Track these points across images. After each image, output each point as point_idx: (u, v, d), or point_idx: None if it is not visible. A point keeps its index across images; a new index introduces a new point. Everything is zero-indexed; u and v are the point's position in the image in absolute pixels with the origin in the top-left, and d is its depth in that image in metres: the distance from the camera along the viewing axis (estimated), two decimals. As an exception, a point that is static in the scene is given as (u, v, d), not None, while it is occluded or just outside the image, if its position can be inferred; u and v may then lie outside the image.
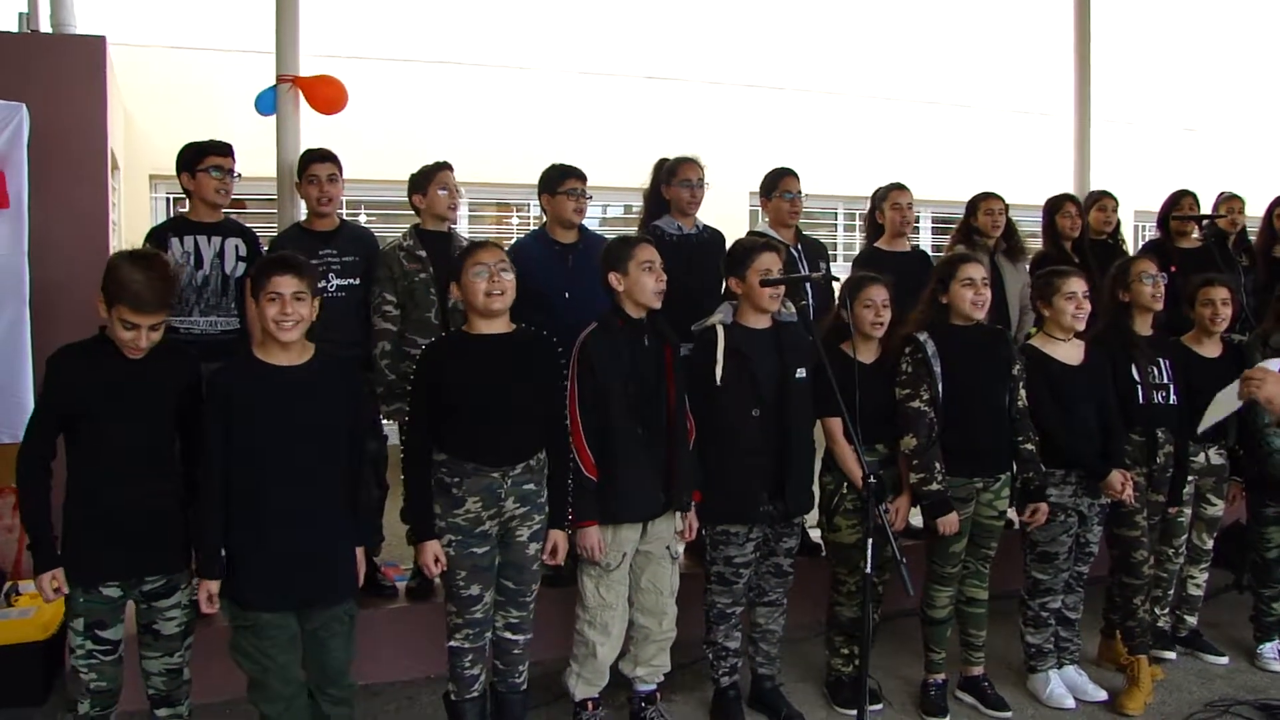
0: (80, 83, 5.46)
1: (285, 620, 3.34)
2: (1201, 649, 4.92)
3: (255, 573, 3.27)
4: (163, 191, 8.45)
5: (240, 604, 3.31)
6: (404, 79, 9.21)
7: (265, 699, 3.36)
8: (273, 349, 3.29)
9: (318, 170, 4.60)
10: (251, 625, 3.30)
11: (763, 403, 3.95)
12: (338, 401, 3.39)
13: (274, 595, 3.29)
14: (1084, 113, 7.15)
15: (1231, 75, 12.83)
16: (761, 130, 10.12)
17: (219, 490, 3.24)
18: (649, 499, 3.91)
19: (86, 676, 3.25)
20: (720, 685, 4.25)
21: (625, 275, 3.85)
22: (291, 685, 3.37)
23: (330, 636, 3.40)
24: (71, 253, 5.09)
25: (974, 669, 4.46)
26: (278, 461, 3.25)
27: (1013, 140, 11.08)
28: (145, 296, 3.14)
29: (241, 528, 3.27)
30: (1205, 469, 4.71)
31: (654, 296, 3.86)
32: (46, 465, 3.20)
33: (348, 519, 3.43)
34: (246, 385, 3.28)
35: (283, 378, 3.29)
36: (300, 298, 3.22)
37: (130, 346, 3.18)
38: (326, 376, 3.38)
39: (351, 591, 3.49)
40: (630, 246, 3.90)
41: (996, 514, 4.27)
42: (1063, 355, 4.31)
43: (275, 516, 3.25)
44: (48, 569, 3.18)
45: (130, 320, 3.14)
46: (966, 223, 5.61)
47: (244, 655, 3.34)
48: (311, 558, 3.31)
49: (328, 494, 3.35)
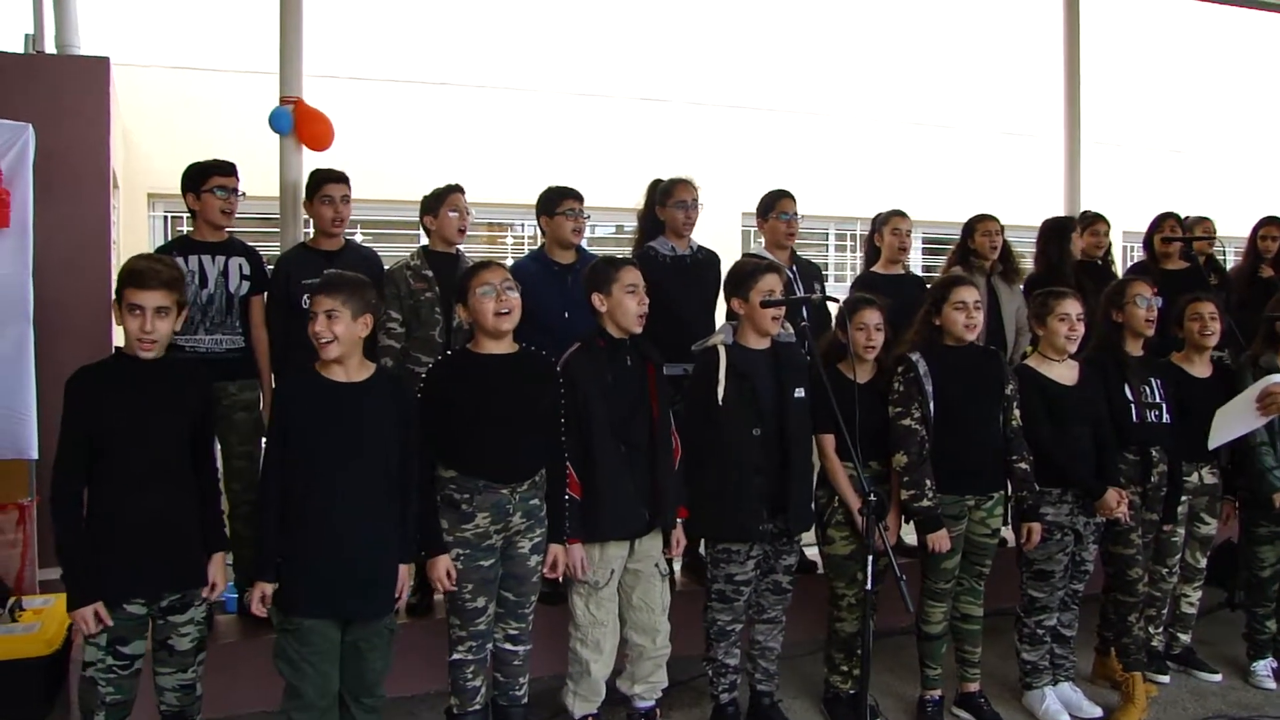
0: (84, 103, 5.51)
1: (329, 629, 3.38)
2: (1195, 666, 4.96)
3: (305, 580, 3.33)
4: (160, 210, 8.49)
5: (287, 610, 3.35)
6: (398, 99, 9.27)
7: (299, 708, 3.38)
8: (330, 365, 3.37)
9: (332, 191, 4.65)
10: (295, 630, 3.34)
11: (763, 422, 3.99)
12: (392, 418, 3.45)
13: (321, 603, 3.35)
14: (1074, 134, 7.23)
15: (1218, 98, 12.96)
16: (753, 151, 10.20)
17: (277, 498, 3.32)
18: (633, 517, 3.95)
19: (104, 690, 3.25)
20: (719, 702, 4.28)
21: (608, 297, 3.90)
22: (326, 698, 3.40)
23: (370, 649, 3.46)
24: (74, 271, 5.13)
25: (970, 686, 4.48)
26: (333, 474, 3.32)
27: (1002, 161, 11.18)
28: (145, 272, 3.21)
29: (294, 536, 3.33)
30: (1198, 488, 4.76)
31: (636, 320, 3.91)
32: (80, 497, 3.21)
33: (395, 533, 3.48)
34: (306, 398, 3.36)
35: (340, 393, 3.37)
36: (334, 315, 3.29)
37: (141, 339, 3.20)
38: (383, 393, 3.46)
39: (393, 605, 3.54)
40: (615, 269, 3.95)
41: (990, 531, 4.31)
42: (1057, 375, 4.35)
43: (328, 527, 3.32)
44: (87, 602, 3.18)
45: (135, 301, 3.17)
46: (964, 244, 5.64)
47: (285, 661, 3.37)
48: (360, 569, 3.37)
49: (379, 508, 3.41)
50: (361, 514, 3.36)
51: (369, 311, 3.39)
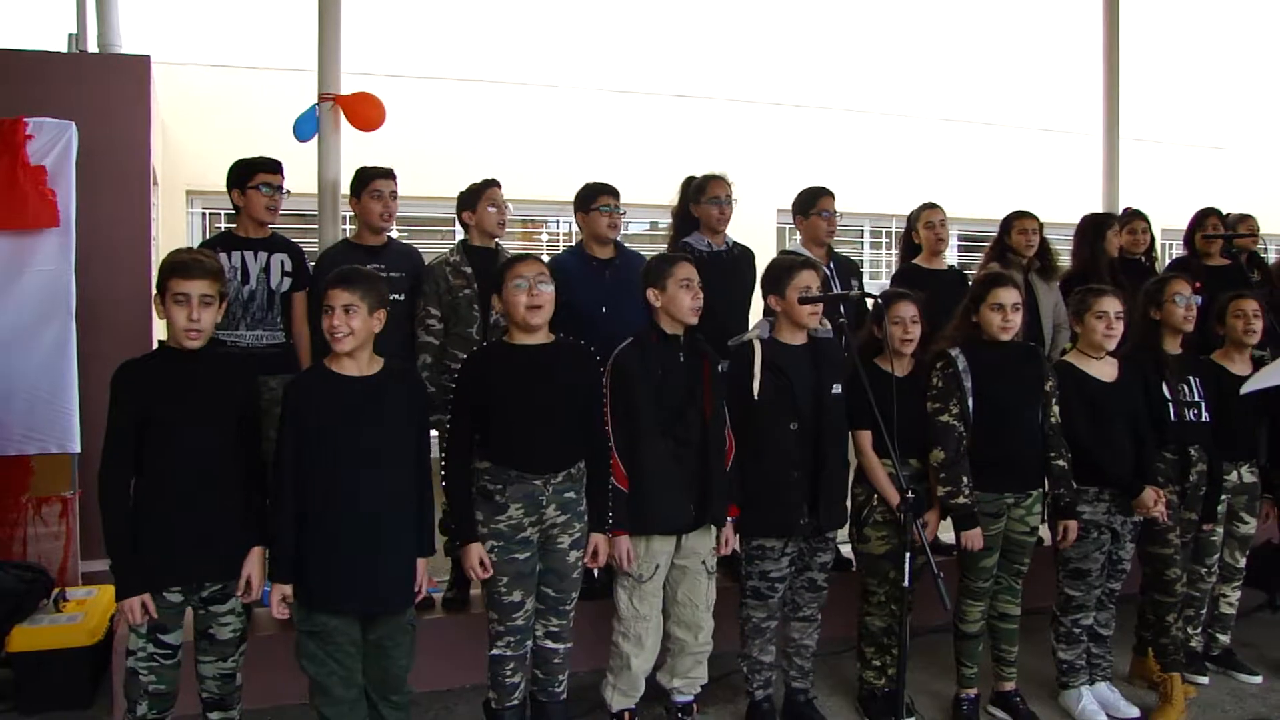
0: (125, 101, 5.58)
1: (350, 626, 3.42)
2: (1234, 668, 4.92)
3: (325, 579, 3.35)
4: (199, 206, 8.55)
5: (308, 608, 3.38)
6: (434, 96, 9.29)
7: (328, 703, 3.43)
8: (341, 360, 3.40)
9: (382, 186, 4.68)
10: (320, 631, 3.38)
11: (799, 417, 4.00)
12: (404, 413, 3.48)
13: (343, 601, 3.38)
14: (1113, 131, 7.18)
15: (1260, 93, 12.81)
16: (787, 148, 10.16)
17: (291, 497, 3.33)
18: (679, 512, 3.95)
19: (145, 679, 3.32)
20: (754, 698, 4.29)
21: (663, 291, 3.91)
22: (353, 690, 3.44)
23: (393, 646, 3.49)
24: (115, 267, 5.20)
25: (1006, 684, 4.47)
26: (348, 470, 3.34)
27: (1039, 158, 11.09)
28: (189, 263, 3.27)
29: (312, 534, 3.35)
30: (1237, 487, 4.72)
31: (691, 313, 3.92)
32: (127, 489, 3.26)
33: (412, 528, 3.50)
34: (318, 395, 3.38)
35: (352, 388, 3.39)
36: (352, 310, 3.32)
37: (188, 329, 3.24)
38: (393, 388, 3.48)
39: (413, 601, 3.56)
40: (670, 264, 3.96)
41: (1028, 529, 4.29)
42: (1096, 372, 4.33)
43: (345, 524, 3.34)
44: (135, 593, 3.23)
45: (181, 291, 3.22)
46: (1000, 241, 5.63)
47: (309, 659, 3.41)
48: (379, 565, 3.38)
49: (395, 503, 3.43)
50: (378, 509, 3.38)
51: (383, 307, 3.43)
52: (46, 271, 4.77)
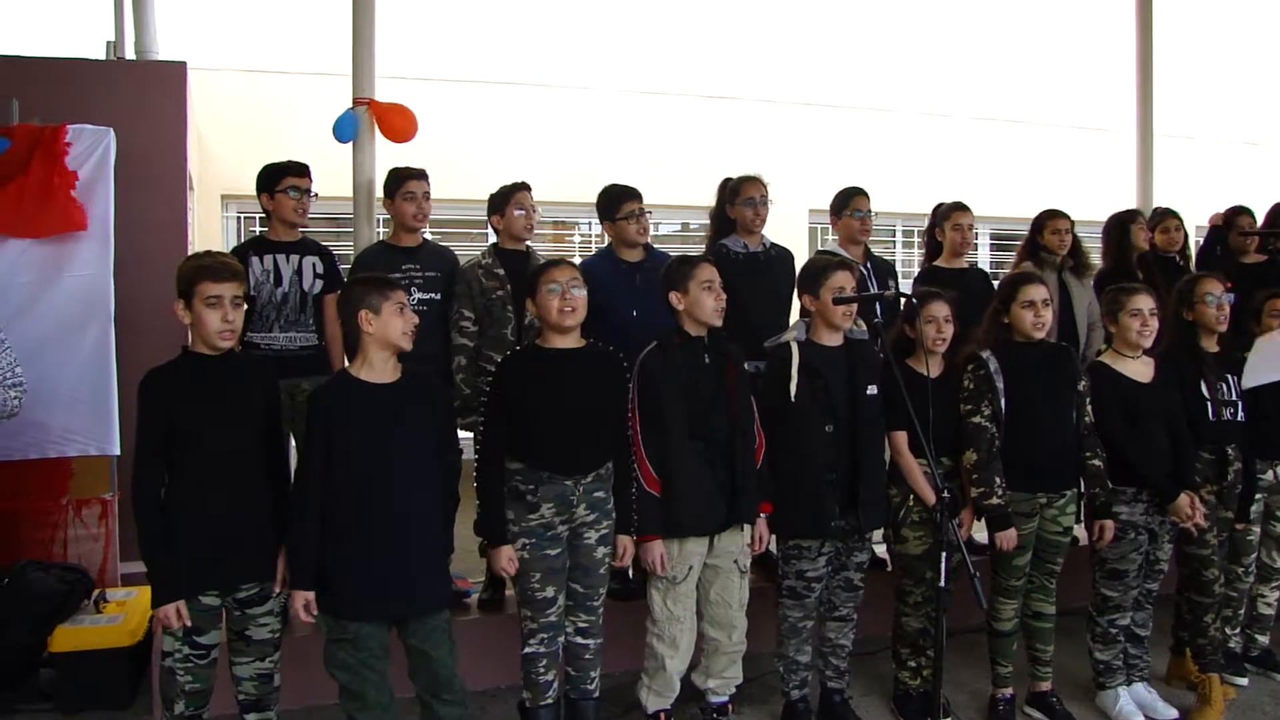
0: (162, 107, 5.64)
1: (381, 631, 3.45)
2: (1274, 668, 4.88)
3: (354, 586, 3.37)
4: (234, 211, 8.64)
5: (339, 616, 3.40)
6: (466, 99, 9.33)
7: (362, 708, 3.45)
8: (364, 366, 3.43)
9: (415, 188, 4.72)
10: (351, 639, 3.40)
11: (836, 419, 4.00)
12: (429, 418, 3.51)
13: (373, 608, 3.40)
14: (1146, 128, 7.13)
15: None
16: (818, 148, 10.15)
17: (315, 504, 3.35)
18: (711, 512, 3.95)
19: (182, 679, 3.35)
20: (790, 698, 4.29)
21: (685, 294, 3.93)
22: (385, 693, 3.47)
23: (434, 647, 3.50)
24: (153, 271, 5.23)
25: (1042, 684, 4.45)
26: (376, 477, 3.36)
27: (1071, 156, 11.02)
28: (218, 266, 3.32)
29: (340, 541, 3.36)
30: (1273, 486, 4.67)
31: (714, 314, 3.93)
32: (159, 496, 3.29)
33: (440, 530, 3.54)
34: (341, 402, 3.40)
35: (374, 395, 3.41)
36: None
37: (221, 330, 3.27)
38: (416, 393, 3.50)
39: (447, 601, 3.59)
40: (691, 266, 3.98)
41: (1061, 529, 4.27)
42: (1132, 372, 4.30)
43: (373, 531, 3.36)
44: (170, 600, 3.26)
45: (213, 294, 3.25)
46: (1033, 240, 5.60)
47: (341, 667, 3.43)
48: (410, 569, 3.40)
49: (422, 508, 3.45)
50: (405, 515, 3.39)
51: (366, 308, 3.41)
52: (85, 276, 4.82)
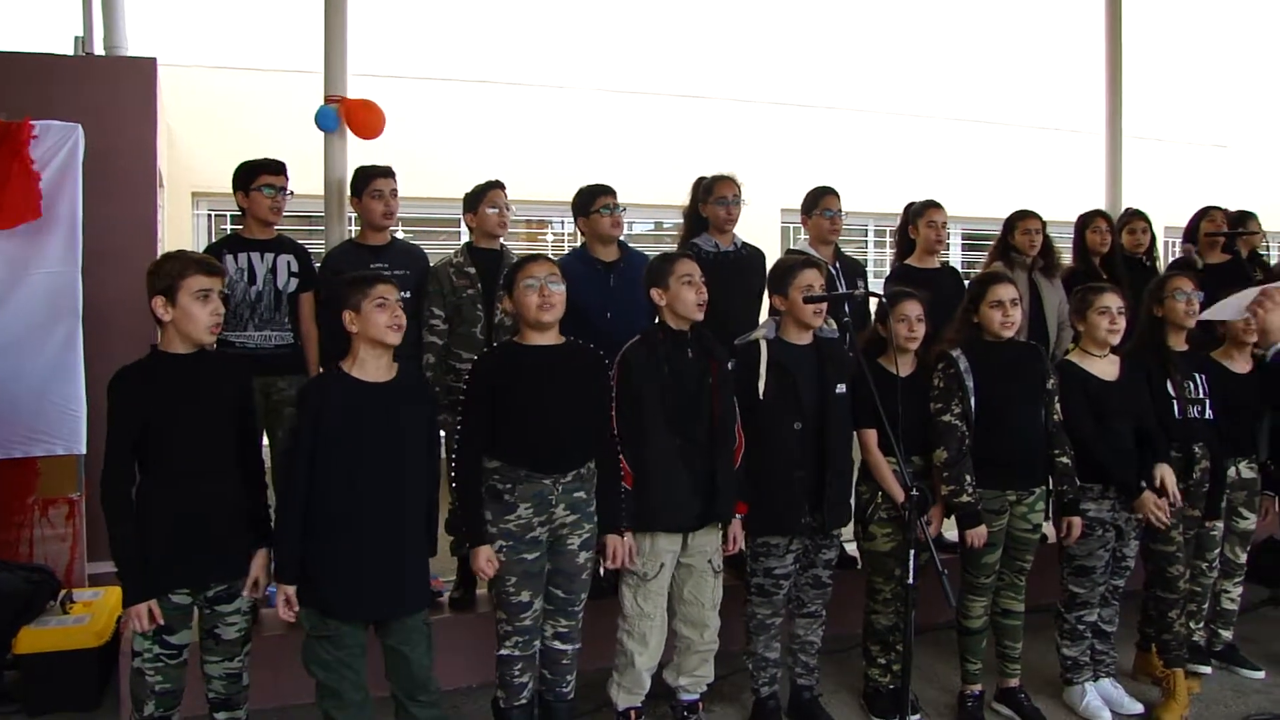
0: (132, 103, 5.59)
1: (360, 630, 3.44)
2: (1237, 663, 4.94)
3: (337, 584, 3.37)
4: (204, 208, 8.56)
5: (321, 613, 3.39)
6: (440, 97, 9.29)
7: (339, 706, 3.44)
8: (359, 364, 3.43)
9: (382, 186, 4.71)
10: (331, 635, 3.39)
11: (804, 417, 4.02)
12: (421, 418, 3.52)
13: (356, 606, 3.40)
14: (1115, 129, 7.18)
15: (1263, 91, 12.79)
16: (791, 147, 10.15)
17: (301, 499, 3.34)
18: (685, 510, 3.96)
19: (152, 679, 3.33)
20: (760, 695, 4.30)
21: (666, 290, 3.93)
22: (361, 691, 3.46)
23: (412, 649, 3.49)
24: (122, 268, 5.18)
25: (1010, 681, 4.48)
26: (363, 475, 3.36)
27: (1042, 157, 11.09)
28: (204, 260, 3.36)
29: (324, 539, 3.36)
30: (1236, 483, 4.72)
31: (694, 309, 3.93)
32: (130, 496, 3.27)
33: (423, 531, 3.53)
34: (336, 399, 3.39)
35: (369, 393, 3.41)
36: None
37: (211, 324, 3.30)
38: (411, 393, 3.51)
39: (428, 602, 3.59)
40: (671, 262, 3.99)
41: (1031, 527, 4.30)
42: (1099, 371, 4.34)
43: (358, 529, 3.35)
44: (142, 599, 3.24)
45: (205, 287, 3.28)
46: (1004, 240, 5.64)
47: (319, 664, 3.43)
48: (393, 571, 3.41)
49: (407, 508, 3.46)
50: (393, 515, 3.40)
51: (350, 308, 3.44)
52: (53, 273, 4.77)
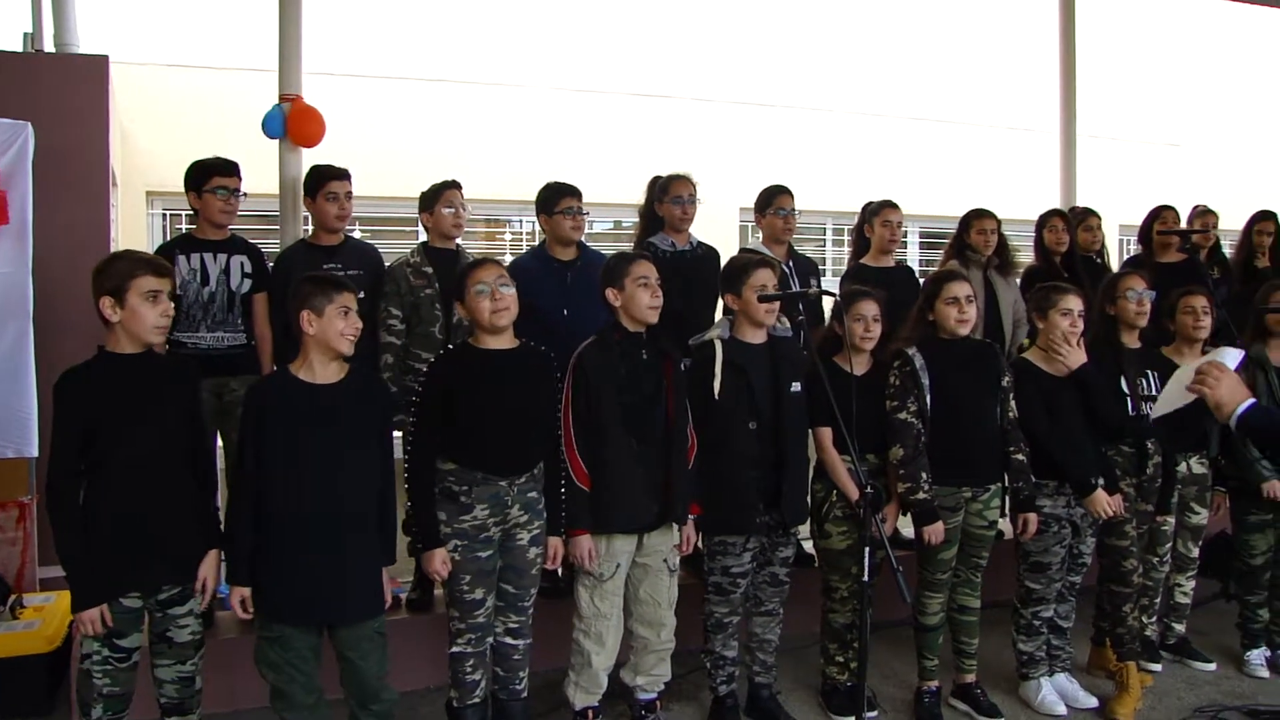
0: (83, 101, 5.52)
1: (309, 634, 3.42)
2: (1190, 656, 5.00)
3: (284, 588, 3.35)
4: (159, 208, 8.48)
5: (269, 617, 3.37)
6: (397, 96, 9.25)
7: (289, 708, 3.42)
8: (305, 366, 3.40)
9: (337, 188, 4.67)
10: (279, 637, 3.37)
11: (759, 415, 4.03)
12: (367, 420, 3.49)
13: (304, 610, 3.38)
14: (1069, 128, 7.26)
15: (1215, 91, 12.95)
16: (750, 147, 10.17)
17: (251, 501, 3.32)
18: (641, 510, 3.96)
19: (100, 682, 3.28)
20: (718, 694, 4.31)
21: (621, 291, 3.93)
22: (313, 694, 3.44)
23: (363, 656, 3.47)
24: (74, 269, 5.08)
25: (967, 677, 4.52)
26: (304, 478, 3.33)
27: (999, 155, 11.16)
28: (154, 261, 3.32)
29: (272, 542, 3.34)
30: (1188, 478, 4.78)
31: (649, 311, 3.93)
32: (77, 498, 3.22)
33: (375, 537, 3.51)
34: (280, 401, 3.37)
35: (315, 395, 3.39)
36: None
37: (160, 325, 3.26)
38: (361, 395, 3.48)
39: (381, 608, 3.55)
40: (627, 263, 3.98)
41: (986, 524, 4.33)
42: (1055, 369, 4.37)
43: (308, 533, 3.33)
44: (91, 604, 3.19)
45: (153, 288, 3.23)
46: (959, 238, 5.68)
47: (270, 666, 3.40)
48: (339, 576, 3.38)
49: (359, 511, 3.43)
50: (339, 518, 3.37)
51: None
52: (3, 274, 4.70)
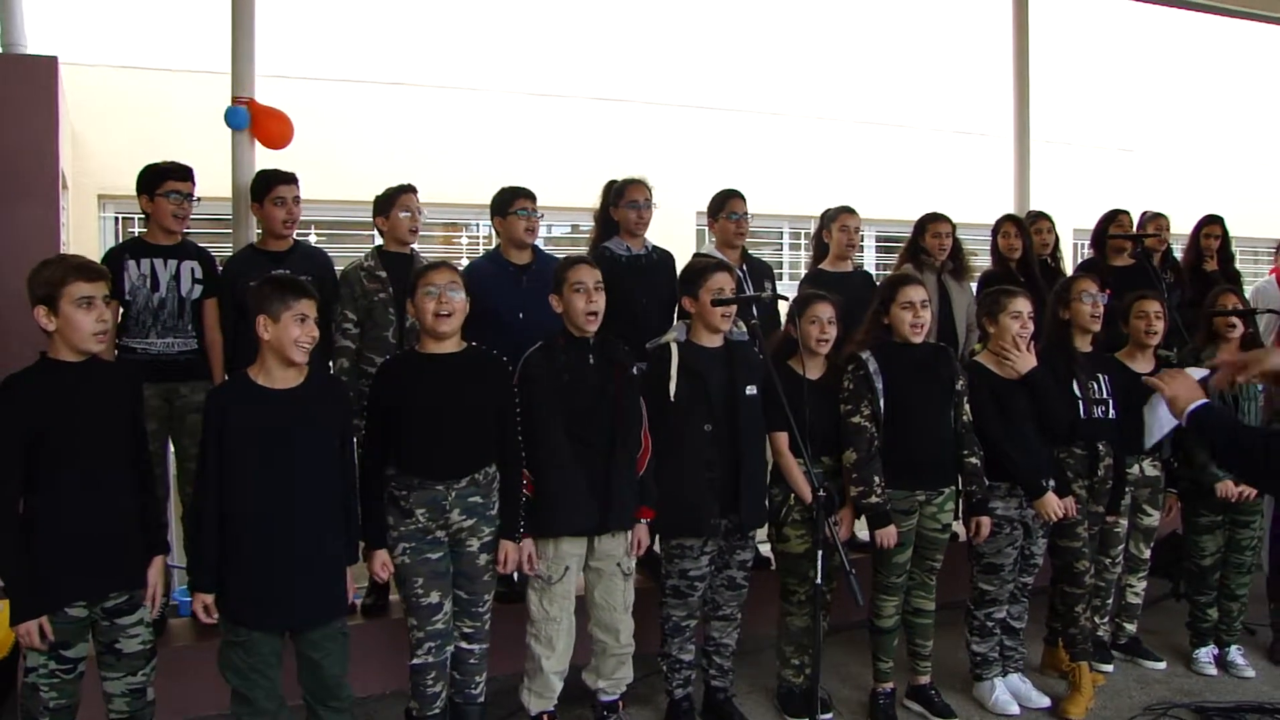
0: (32, 103, 5.43)
1: (273, 639, 3.39)
2: (1140, 655, 5.06)
3: (247, 593, 3.32)
4: (111, 211, 8.40)
5: (234, 621, 3.34)
6: (352, 99, 9.23)
7: (252, 713, 3.39)
8: (264, 371, 3.36)
9: (284, 192, 4.61)
10: (243, 642, 3.34)
11: (715, 418, 4.04)
12: (331, 423, 3.48)
13: (267, 614, 3.35)
14: (1023, 133, 7.32)
15: (1166, 97, 13.14)
16: (707, 151, 10.22)
17: (214, 507, 3.30)
18: (583, 514, 3.95)
19: (47, 695, 3.21)
20: (674, 697, 4.31)
21: (561, 297, 3.95)
22: (275, 700, 3.41)
23: (323, 655, 3.45)
24: (23, 273, 5.03)
25: (921, 678, 4.54)
26: (262, 483, 3.30)
27: (954, 160, 11.27)
28: (88, 265, 3.24)
29: (234, 547, 3.31)
30: (1140, 480, 4.83)
31: (584, 318, 3.93)
32: (16, 508, 3.15)
33: (338, 540, 3.49)
34: (242, 407, 3.34)
35: (275, 400, 3.35)
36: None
37: (97, 331, 3.17)
38: (320, 398, 3.46)
39: (344, 610, 3.55)
40: (565, 269, 4.00)
41: (940, 527, 4.36)
42: (1006, 371, 4.40)
43: (270, 536, 3.30)
44: (31, 617, 3.13)
45: (86, 294, 3.14)
46: (914, 243, 5.71)
47: (234, 672, 3.37)
48: (304, 578, 3.36)
49: (321, 514, 3.41)
50: (300, 522, 3.34)
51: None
52: (-50, 278, 4.65)
